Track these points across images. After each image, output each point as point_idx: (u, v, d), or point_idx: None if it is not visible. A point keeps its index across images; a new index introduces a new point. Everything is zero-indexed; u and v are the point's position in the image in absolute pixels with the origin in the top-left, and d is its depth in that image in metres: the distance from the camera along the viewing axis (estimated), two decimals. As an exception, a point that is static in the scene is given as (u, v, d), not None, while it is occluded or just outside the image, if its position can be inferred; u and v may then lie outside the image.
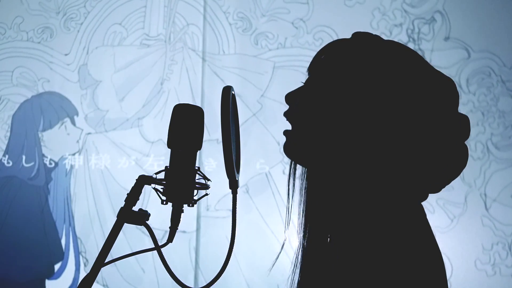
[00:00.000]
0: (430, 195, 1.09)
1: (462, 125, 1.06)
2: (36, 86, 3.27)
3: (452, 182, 1.08)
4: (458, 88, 1.09)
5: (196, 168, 1.06)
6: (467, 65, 3.07)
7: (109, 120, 3.22)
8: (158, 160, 3.15)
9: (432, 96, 1.03)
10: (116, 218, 1.05)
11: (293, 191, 1.14)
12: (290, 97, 1.11)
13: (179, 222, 1.06)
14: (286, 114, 1.11)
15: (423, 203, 1.07)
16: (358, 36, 1.09)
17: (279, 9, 3.19)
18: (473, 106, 3.04)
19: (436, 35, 3.11)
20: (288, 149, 1.10)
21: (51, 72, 3.28)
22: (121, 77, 3.24)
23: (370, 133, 1.01)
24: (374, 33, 1.11)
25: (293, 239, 1.11)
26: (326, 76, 1.06)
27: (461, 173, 1.07)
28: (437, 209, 2.90)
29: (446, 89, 1.06)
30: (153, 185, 1.05)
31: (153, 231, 1.07)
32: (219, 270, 1.04)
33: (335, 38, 1.33)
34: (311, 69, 1.11)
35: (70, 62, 3.28)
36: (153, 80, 3.23)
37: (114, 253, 1.05)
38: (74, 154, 3.22)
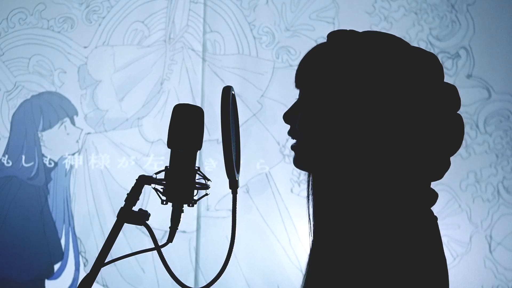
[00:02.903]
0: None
1: (451, 95, 1.06)
2: (52, 76, 3.25)
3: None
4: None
5: (196, 168, 1.06)
6: (486, 106, 3.07)
7: (108, 120, 3.22)
8: (158, 160, 3.15)
9: (418, 73, 1.04)
10: (116, 218, 1.05)
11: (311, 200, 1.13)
12: (288, 116, 1.10)
13: (179, 222, 1.06)
14: (290, 133, 1.10)
15: None
16: (334, 36, 1.09)
17: (303, 26, 3.17)
18: (488, 147, 3.03)
19: (459, 72, 3.10)
20: (299, 161, 1.09)
21: (69, 63, 3.26)
22: (121, 77, 3.24)
23: (371, 127, 1.01)
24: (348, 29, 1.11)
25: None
26: (318, 83, 1.06)
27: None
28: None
29: (429, 62, 1.06)
30: (153, 185, 1.05)
31: (153, 231, 1.07)
32: (219, 270, 1.04)
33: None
34: (300, 82, 1.11)
35: (88, 55, 3.26)
36: (153, 80, 3.23)
37: (114, 253, 1.05)
38: (73, 154, 3.22)
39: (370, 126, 1.01)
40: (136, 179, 1.05)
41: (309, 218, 1.12)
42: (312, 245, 1.09)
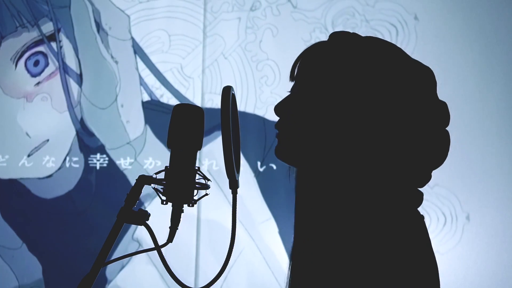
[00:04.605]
0: None
1: (442, 111, 1.08)
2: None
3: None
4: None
5: (196, 168, 1.06)
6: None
7: (109, 120, 3.21)
8: (158, 160, 3.15)
9: (411, 85, 1.05)
10: (116, 218, 1.05)
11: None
12: (279, 108, 1.11)
13: (179, 222, 1.06)
14: (277, 126, 1.11)
15: None
16: (336, 36, 1.10)
17: None
18: None
19: None
20: (283, 152, 1.10)
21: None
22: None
23: (359, 129, 1.03)
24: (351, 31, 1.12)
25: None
26: (313, 78, 1.08)
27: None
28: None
29: (424, 76, 1.08)
30: (153, 185, 1.06)
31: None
32: (219, 270, 1.04)
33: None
34: (295, 75, 1.12)
35: None
36: (153, 80, 3.23)
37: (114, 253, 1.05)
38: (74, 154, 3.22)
39: (359, 127, 1.03)
40: (136, 179, 1.06)
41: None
42: (294, 240, 1.10)
